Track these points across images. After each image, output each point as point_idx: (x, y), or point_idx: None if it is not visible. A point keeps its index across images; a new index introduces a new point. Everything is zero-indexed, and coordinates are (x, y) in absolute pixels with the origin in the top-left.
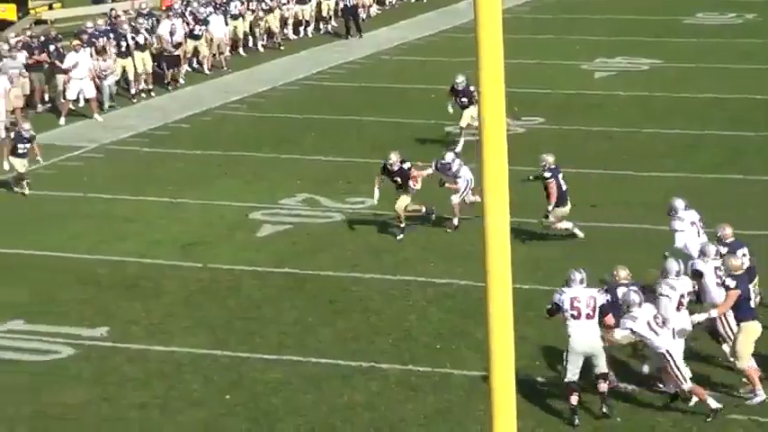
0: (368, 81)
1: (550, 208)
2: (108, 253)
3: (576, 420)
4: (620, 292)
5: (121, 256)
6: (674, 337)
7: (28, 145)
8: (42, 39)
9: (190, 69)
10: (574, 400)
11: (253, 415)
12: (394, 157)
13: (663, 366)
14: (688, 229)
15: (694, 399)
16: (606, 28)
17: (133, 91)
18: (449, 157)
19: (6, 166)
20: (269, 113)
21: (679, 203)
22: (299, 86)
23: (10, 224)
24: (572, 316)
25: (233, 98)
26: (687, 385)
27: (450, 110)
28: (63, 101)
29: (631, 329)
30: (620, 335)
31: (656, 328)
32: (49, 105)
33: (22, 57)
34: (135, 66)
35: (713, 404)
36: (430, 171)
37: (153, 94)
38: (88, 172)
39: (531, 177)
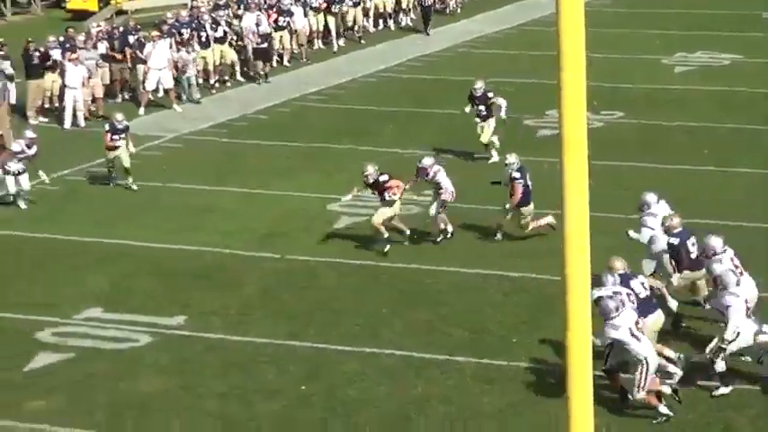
0: (446, 74)
1: (508, 206)
2: (186, 243)
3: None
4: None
5: (200, 246)
6: None
7: (123, 135)
8: (122, 29)
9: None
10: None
11: (329, 405)
12: (370, 169)
13: (636, 368)
14: (658, 227)
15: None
16: (685, 22)
17: (212, 82)
18: (426, 161)
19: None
20: (348, 105)
21: (651, 198)
22: (378, 78)
23: (90, 214)
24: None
25: (312, 89)
26: (640, 395)
27: (467, 110)
28: (142, 91)
29: (613, 339)
30: (600, 342)
31: (637, 334)
32: (129, 96)
33: (102, 47)
34: (214, 58)
35: (664, 410)
36: (411, 182)
37: (229, 84)
38: (167, 162)
39: (499, 181)
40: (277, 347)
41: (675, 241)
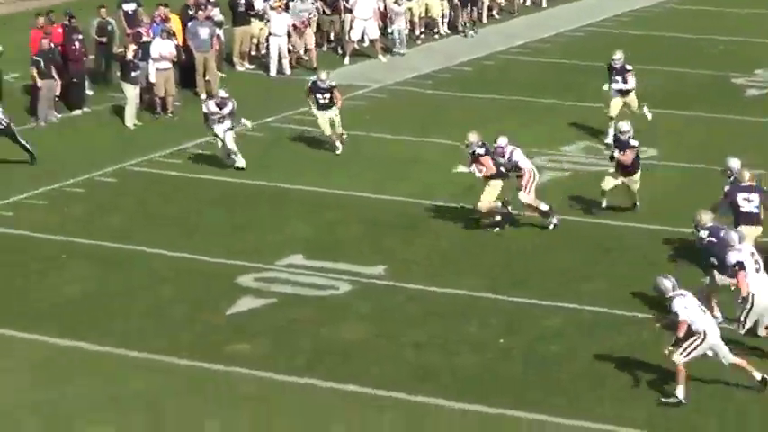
0: (654, 29)
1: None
2: (390, 193)
3: None
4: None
5: (402, 197)
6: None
7: (327, 95)
8: None
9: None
10: None
11: (528, 360)
12: (472, 138)
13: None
14: None
15: None
16: None
17: (417, 33)
18: (501, 141)
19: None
20: (552, 59)
21: None
22: (584, 33)
23: (293, 161)
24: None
25: (517, 43)
26: (681, 358)
27: (606, 87)
28: (347, 41)
29: (685, 307)
30: (689, 318)
31: (703, 308)
32: (333, 45)
33: None
34: (420, 9)
35: (680, 393)
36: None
37: (437, 37)
38: (371, 111)
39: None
40: (478, 300)
41: None
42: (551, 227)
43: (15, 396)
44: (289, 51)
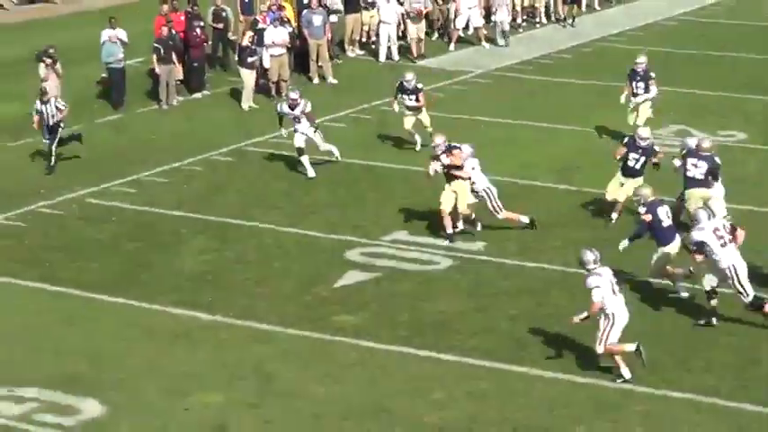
0: (746, 19)
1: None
2: (489, 172)
3: None
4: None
5: (499, 176)
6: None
7: (413, 96)
8: None
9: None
10: None
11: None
12: (437, 140)
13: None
14: None
15: None
16: None
17: (519, 21)
18: (466, 149)
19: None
20: (648, 46)
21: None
22: (678, 22)
23: (399, 143)
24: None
25: (613, 31)
26: (601, 348)
27: (623, 100)
28: (453, 29)
29: (600, 287)
30: (597, 298)
31: (615, 290)
32: (441, 32)
33: None
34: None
35: (625, 373)
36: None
37: (538, 26)
38: (475, 95)
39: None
40: (569, 276)
41: None
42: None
43: (137, 362)
44: (398, 38)
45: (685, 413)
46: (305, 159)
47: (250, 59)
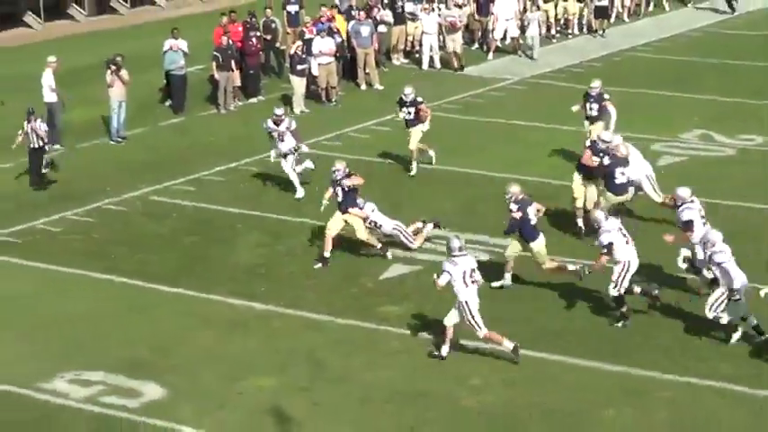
0: (764, 30)
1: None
2: (523, 173)
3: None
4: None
5: (535, 177)
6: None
7: (411, 109)
8: None
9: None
10: None
11: (663, 325)
12: (338, 165)
13: (462, 317)
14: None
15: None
16: None
17: (552, 32)
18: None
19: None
20: (673, 56)
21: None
22: (703, 33)
23: (440, 143)
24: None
25: (641, 41)
26: (482, 332)
27: (573, 108)
28: (492, 39)
29: (450, 273)
30: (442, 281)
31: (467, 281)
32: (481, 42)
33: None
34: (555, 11)
35: (509, 345)
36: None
37: (570, 36)
38: (512, 101)
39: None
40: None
41: None
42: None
43: (195, 349)
44: (440, 48)
45: (708, 399)
46: (294, 178)
47: (299, 67)
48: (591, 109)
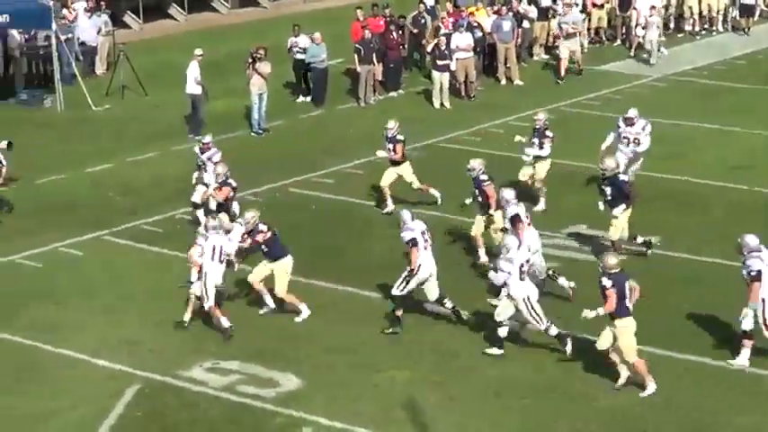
0: None
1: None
2: (661, 170)
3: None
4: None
5: (673, 175)
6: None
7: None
8: None
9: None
10: None
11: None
12: (391, 124)
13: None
14: None
15: None
16: None
17: (696, 29)
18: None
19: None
20: None
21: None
22: None
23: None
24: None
25: None
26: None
27: (516, 139)
28: (633, 35)
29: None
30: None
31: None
32: (621, 39)
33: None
34: (700, 7)
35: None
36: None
37: (714, 33)
38: (656, 98)
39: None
40: (724, 267)
41: None
42: None
43: (330, 340)
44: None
45: None
46: (200, 213)
47: (439, 62)
48: (533, 144)
